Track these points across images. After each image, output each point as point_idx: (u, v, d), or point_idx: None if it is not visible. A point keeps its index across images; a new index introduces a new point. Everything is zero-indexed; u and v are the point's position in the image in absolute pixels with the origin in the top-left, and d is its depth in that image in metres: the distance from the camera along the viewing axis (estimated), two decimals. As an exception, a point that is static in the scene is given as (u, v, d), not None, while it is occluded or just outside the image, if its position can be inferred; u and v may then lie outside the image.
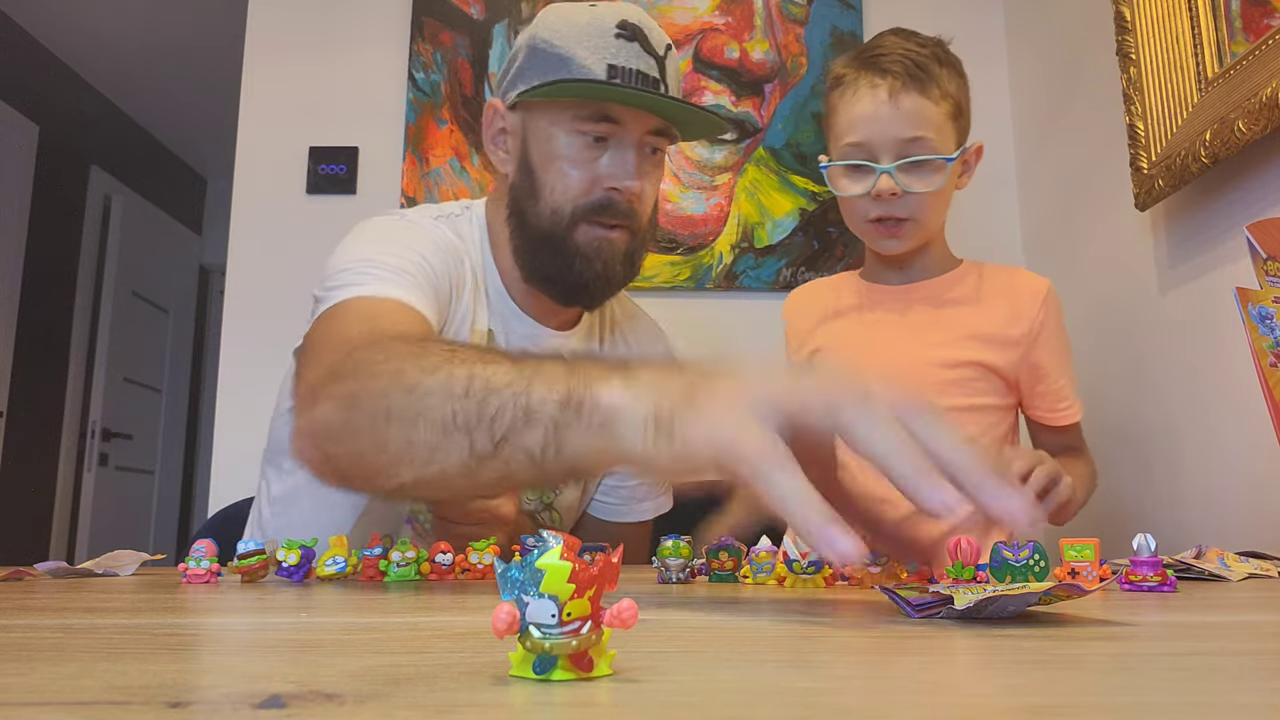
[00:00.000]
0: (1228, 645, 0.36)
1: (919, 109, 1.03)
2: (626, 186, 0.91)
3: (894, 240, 1.08)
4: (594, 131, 0.90)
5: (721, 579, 0.71)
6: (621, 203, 0.91)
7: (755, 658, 0.35)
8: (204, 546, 0.69)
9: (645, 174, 0.93)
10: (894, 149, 1.03)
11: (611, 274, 0.94)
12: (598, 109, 0.89)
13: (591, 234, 0.92)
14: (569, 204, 0.91)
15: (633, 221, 0.93)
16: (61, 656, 0.33)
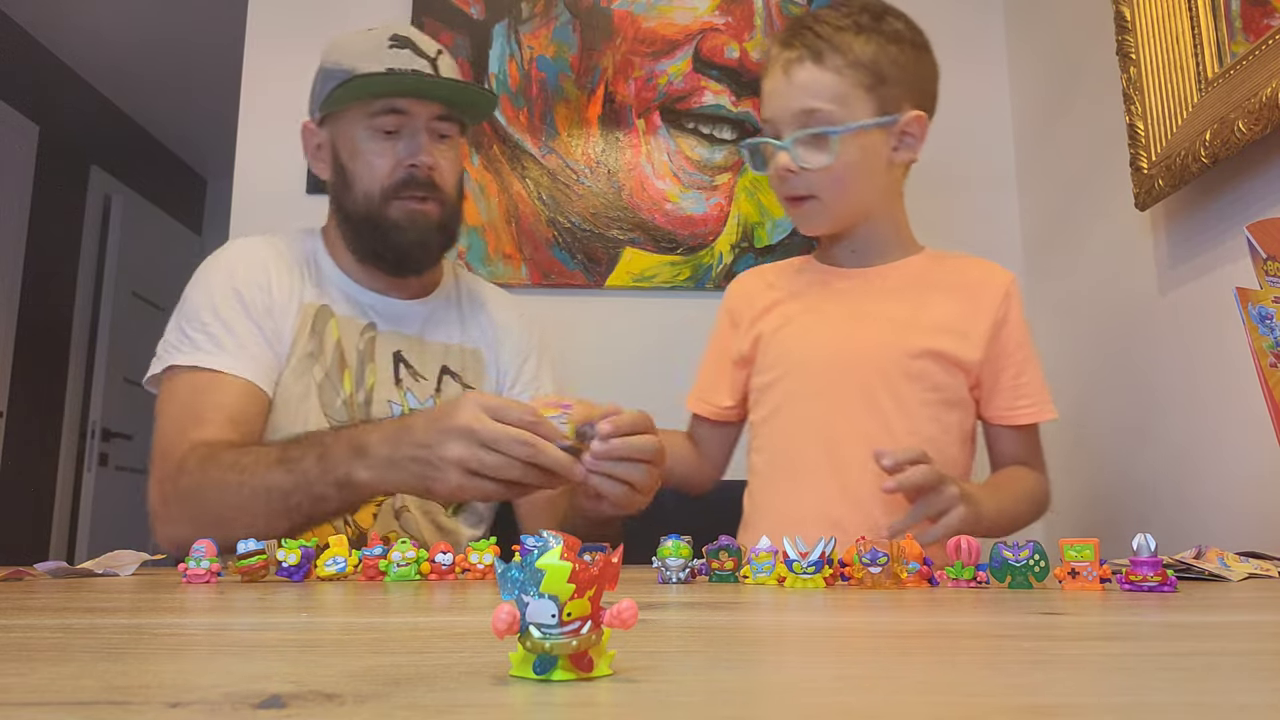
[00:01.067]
0: (1228, 645, 0.36)
1: (812, 81, 0.99)
2: (422, 161, 1.05)
3: (802, 218, 1.05)
4: (386, 125, 1.05)
5: (721, 579, 0.71)
6: (420, 176, 1.06)
7: (755, 658, 0.35)
8: (204, 546, 0.69)
9: (439, 154, 1.08)
10: (792, 123, 1.00)
11: (428, 240, 1.09)
12: (385, 104, 1.05)
13: (403, 207, 1.07)
14: (377, 186, 1.06)
15: (438, 193, 1.08)
16: (61, 656, 0.33)
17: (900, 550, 0.65)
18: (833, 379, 1.04)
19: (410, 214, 1.07)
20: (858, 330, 1.05)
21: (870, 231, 1.08)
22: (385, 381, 1.09)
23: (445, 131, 1.09)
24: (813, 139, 0.99)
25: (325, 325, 1.09)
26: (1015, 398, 1.05)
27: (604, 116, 1.75)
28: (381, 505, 1.06)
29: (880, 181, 1.05)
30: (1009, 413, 1.05)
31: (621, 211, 1.73)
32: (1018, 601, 0.54)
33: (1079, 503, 1.54)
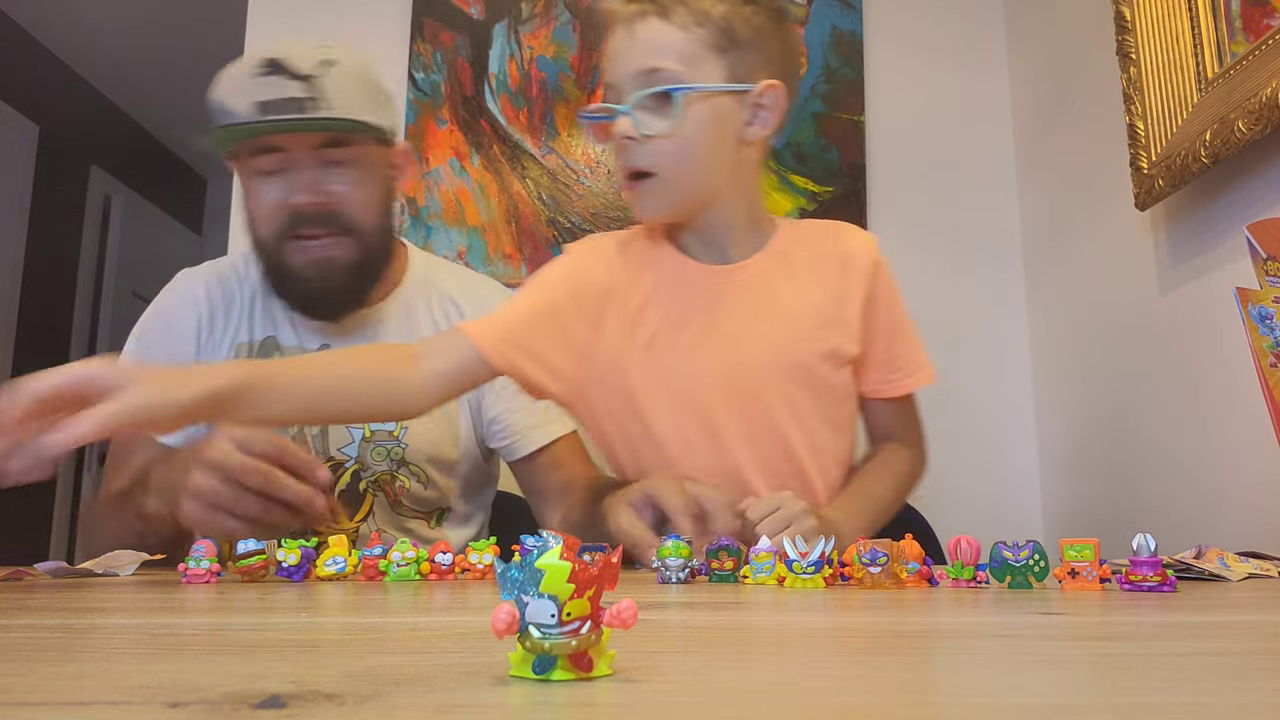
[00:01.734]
0: (1228, 645, 0.36)
1: (656, 36, 0.87)
2: (302, 200, 0.97)
3: (637, 198, 0.92)
4: (265, 166, 0.98)
5: (721, 579, 0.71)
6: (309, 214, 0.98)
7: (755, 658, 0.35)
8: (204, 546, 0.69)
9: (336, 181, 0.98)
10: (634, 84, 0.87)
11: (333, 284, 1.00)
12: (256, 145, 0.97)
13: (300, 251, 0.98)
14: (267, 232, 1.00)
15: (341, 224, 0.98)
16: (61, 656, 0.33)
17: (900, 550, 0.65)
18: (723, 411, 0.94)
19: (310, 261, 0.99)
20: (737, 354, 0.95)
21: (717, 219, 0.96)
22: None
23: (339, 158, 0.99)
24: (655, 101, 0.86)
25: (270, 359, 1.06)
26: (890, 370, 0.99)
27: (604, 116, 1.75)
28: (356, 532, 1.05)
29: (728, 158, 0.92)
30: (884, 386, 1.00)
31: (621, 211, 1.73)
32: (1018, 601, 0.54)
33: (1079, 503, 1.54)
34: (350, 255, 1.00)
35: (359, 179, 1.00)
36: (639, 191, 0.91)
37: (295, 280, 1.00)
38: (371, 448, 1.05)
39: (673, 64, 0.86)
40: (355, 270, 1.01)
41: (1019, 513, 1.67)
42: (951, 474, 1.69)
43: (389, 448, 1.05)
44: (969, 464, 1.68)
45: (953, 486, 1.67)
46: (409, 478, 1.06)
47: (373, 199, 1.02)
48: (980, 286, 1.74)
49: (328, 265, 0.99)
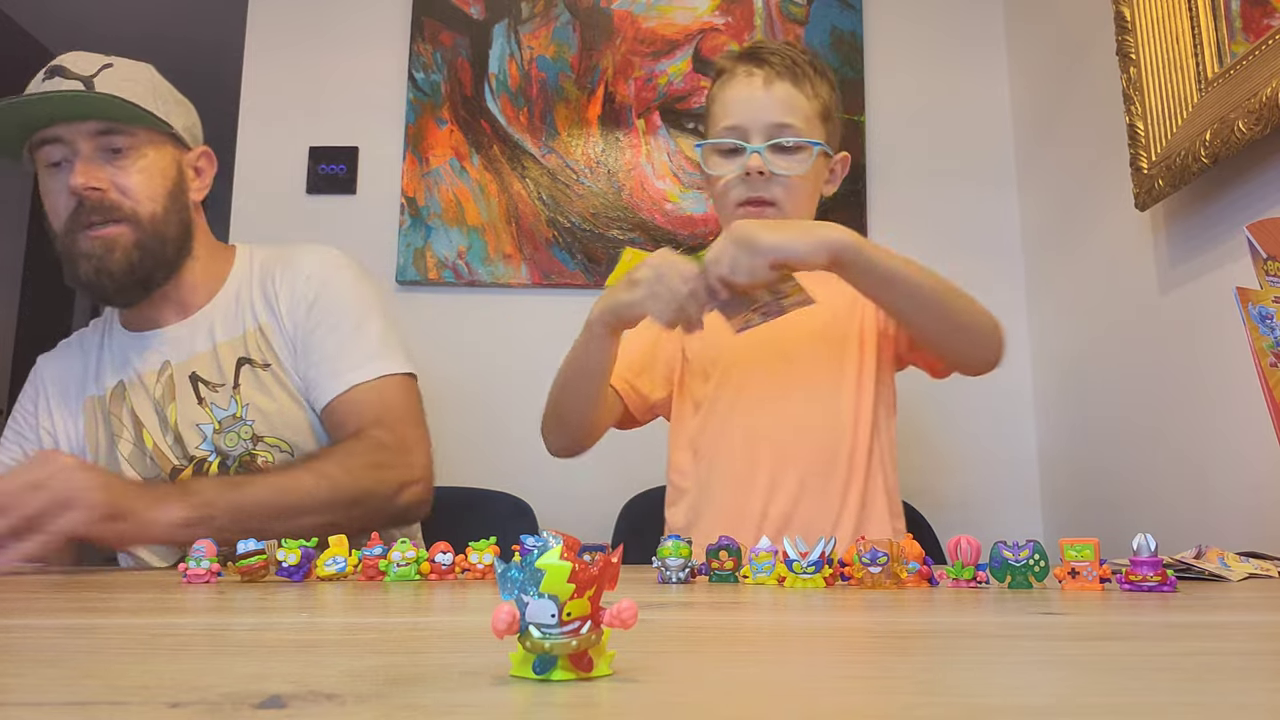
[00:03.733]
0: (1228, 645, 0.36)
1: (790, 97, 1.07)
2: (80, 183, 1.01)
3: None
4: (50, 156, 1.03)
5: (721, 579, 0.71)
6: (90, 201, 1.02)
7: (755, 658, 0.35)
8: (204, 546, 0.69)
9: (113, 172, 1.04)
10: (765, 132, 1.06)
11: (117, 266, 1.04)
12: (41, 137, 1.03)
13: (86, 238, 1.03)
14: (60, 220, 1.04)
15: (119, 214, 1.04)
16: (61, 656, 0.33)
17: (900, 550, 0.65)
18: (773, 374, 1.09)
19: (93, 242, 1.03)
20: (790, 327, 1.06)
21: None
22: (189, 409, 1.09)
23: (117, 145, 1.04)
24: (785, 149, 1.06)
25: (122, 402, 1.11)
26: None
27: (604, 116, 1.75)
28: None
29: (814, 206, 1.14)
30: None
31: (621, 211, 1.73)
32: (1018, 601, 0.54)
33: (1079, 503, 1.54)
34: (129, 237, 1.04)
35: (138, 168, 1.06)
36: (762, 217, 1.08)
37: (81, 261, 1.03)
38: (224, 435, 1.08)
39: (800, 123, 1.07)
40: (136, 251, 1.05)
41: (1019, 513, 1.67)
42: (951, 474, 1.69)
43: (238, 430, 1.08)
44: (969, 463, 1.68)
45: (953, 486, 1.67)
46: (270, 450, 1.09)
47: (154, 189, 1.07)
48: (980, 286, 1.73)
49: (108, 244, 1.03)
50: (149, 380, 1.11)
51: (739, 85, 1.09)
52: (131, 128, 1.05)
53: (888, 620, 0.45)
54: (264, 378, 1.10)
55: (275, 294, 1.14)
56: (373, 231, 1.74)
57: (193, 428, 1.09)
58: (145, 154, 1.07)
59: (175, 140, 1.11)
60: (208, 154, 1.19)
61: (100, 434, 1.12)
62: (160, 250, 1.07)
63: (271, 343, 1.12)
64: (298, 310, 1.12)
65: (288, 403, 1.11)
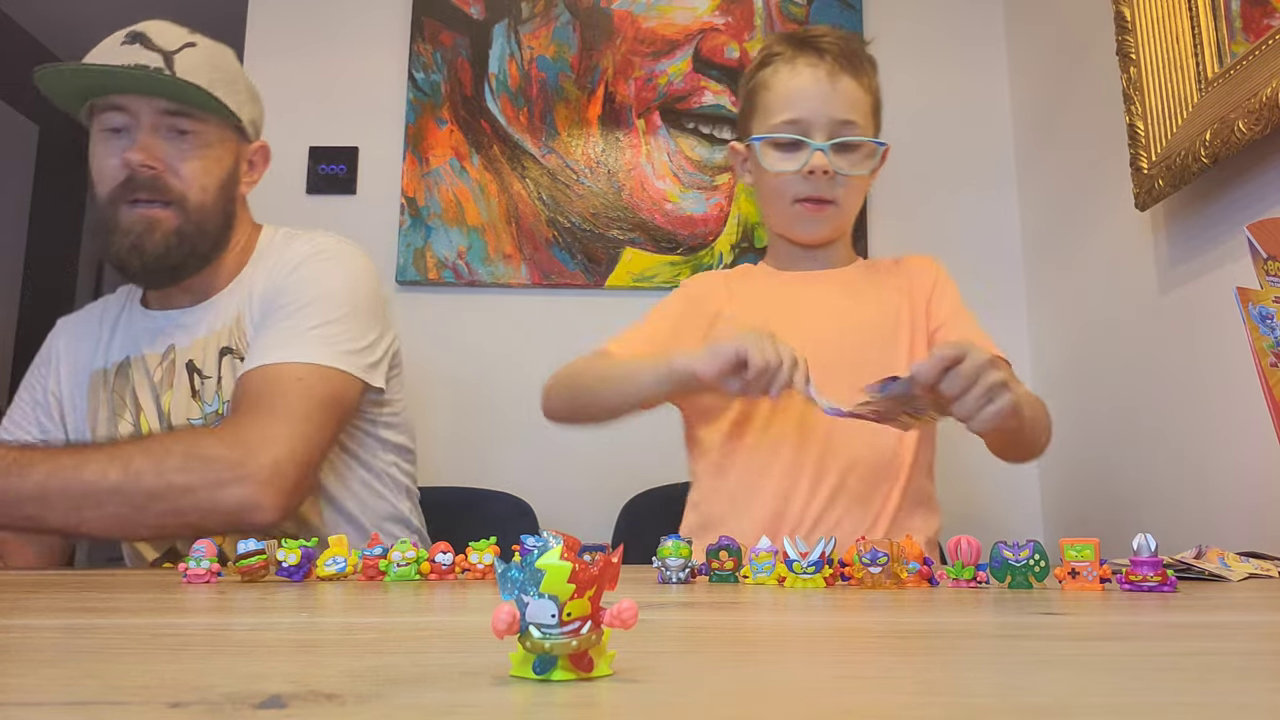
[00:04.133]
0: (1228, 645, 0.36)
1: (853, 92, 1.05)
2: (137, 159, 1.00)
3: (816, 222, 1.08)
4: (111, 122, 1.02)
5: (721, 579, 0.71)
6: (144, 177, 1.01)
7: (755, 658, 0.35)
8: (204, 546, 0.69)
9: (175, 154, 1.03)
10: (828, 129, 1.04)
11: (153, 248, 1.02)
12: (107, 102, 1.01)
13: (131, 213, 1.02)
14: (106, 188, 1.03)
15: (168, 196, 1.02)
16: (61, 656, 0.33)
17: (900, 550, 0.65)
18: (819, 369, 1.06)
19: (135, 219, 1.01)
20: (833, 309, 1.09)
21: (838, 243, 1.15)
22: (182, 400, 1.07)
23: (183, 127, 1.02)
24: (847, 147, 1.04)
25: (126, 380, 1.09)
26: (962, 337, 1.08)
27: (604, 116, 1.75)
28: None
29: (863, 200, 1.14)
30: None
31: (621, 211, 1.73)
32: (1018, 601, 0.54)
33: (1079, 503, 1.54)
34: (172, 222, 1.02)
35: (197, 154, 1.04)
36: (822, 216, 1.07)
37: (120, 236, 1.02)
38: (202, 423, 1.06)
39: (860, 119, 1.05)
40: (175, 237, 1.03)
41: (1019, 513, 1.67)
42: (951, 474, 1.69)
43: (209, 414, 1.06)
44: (969, 464, 1.68)
45: (953, 486, 1.67)
46: None
47: (207, 178, 1.05)
48: (980, 286, 1.73)
49: (149, 224, 1.02)
50: (151, 363, 1.09)
51: (802, 76, 1.05)
52: (203, 114, 1.04)
53: (888, 620, 0.45)
54: (239, 369, 1.05)
55: (253, 290, 1.09)
56: (373, 231, 1.74)
57: (183, 419, 1.06)
58: (209, 142, 1.05)
59: (239, 132, 1.10)
60: (264, 149, 1.18)
61: (102, 410, 1.09)
62: (198, 241, 1.05)
63: (245, 332, 1.07)
64: (267, 297, 1.07)
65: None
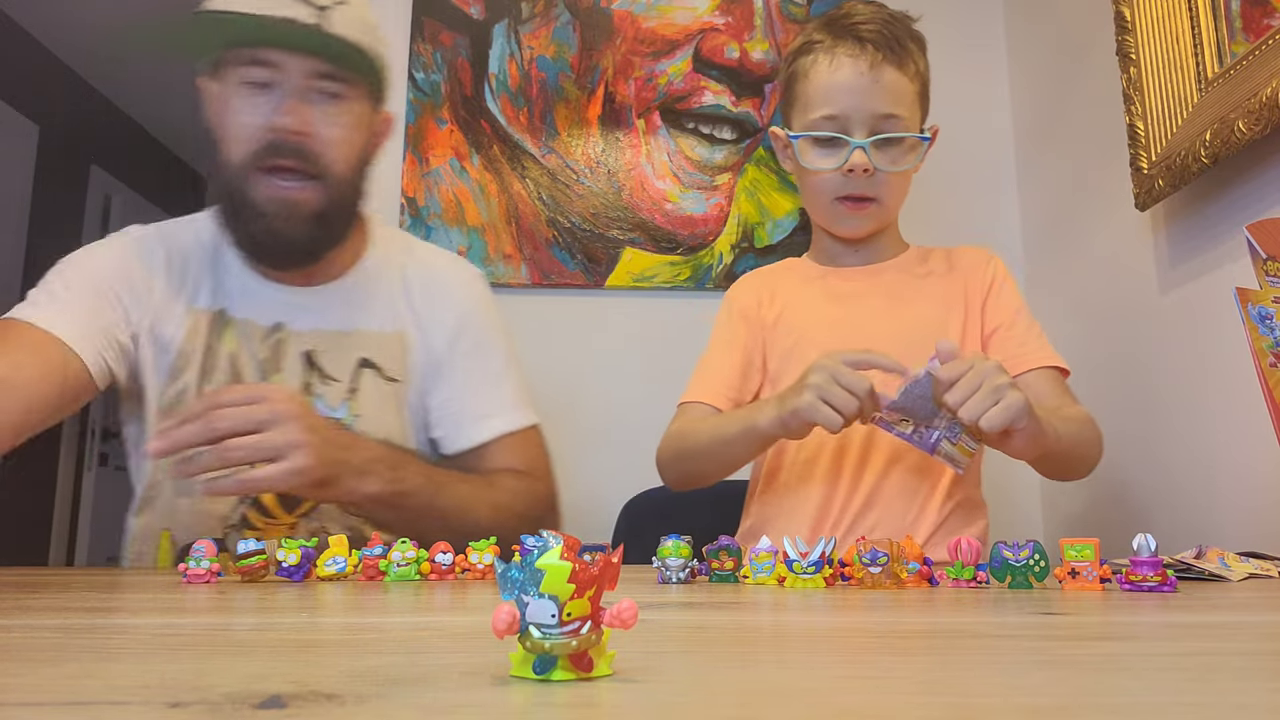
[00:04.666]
0: (1228, 645, 0.36)
1: (897, 84, 1.00)
2: (284, 123, 0.90)
3: (857, 220, 1.07)
4: (252, 77, 0.91)
5: (721, 579, 0.71)
6: (288, 143, 0.91)
7: (755, 658, 0.35)
8: (204, 546, 0.69)
9: (321, 118, 0.92)
10: (868, 124, 1.00)
11: (296, 233, 0.93)
12: (252, 55, 0.90)
13: (269, 188, 0.92)
14: (240, 154, 0.91)
15: (311, 166, 0.92)
16: (61, 656, 0.33)
17: (900, 550, 0.65)
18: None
19: (274, 199, 0.92)
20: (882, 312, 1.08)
21: (882, 236, 1.13)
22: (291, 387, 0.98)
23: (335, 90, 0.93)
24: (889, 142, 1.01)
25: (220, 335, 0.99)
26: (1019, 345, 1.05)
27: (604, 116, 1.75)
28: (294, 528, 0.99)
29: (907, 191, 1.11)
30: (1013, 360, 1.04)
31: (621, 211, 1.73)
32: (1018, 601, 0.54)
33: (1079, 503, 1.54)
34: (315, 202, 0.93)
35: (343, 122, 0.95)
36: (863, 213, 1.05)
37: (253, 215, 0.92)
38: None
39: (904, 112, 1.01)
40: (316, 220, 0.94)
41: (1019, 513, 1.67)
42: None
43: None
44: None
45: (953, 486, 1.67)
46: None
47: (351, 149, 0.96)
48: (980, 286, 1.74)
49: (290, 206, 0.92)
50: (255, 333, 0.99)
51: (841, 69, 1.00)
52: (355, 78, 0.94)
53: (888, 620, 0.45)
54: (386, 392, 1.01)
55: (418, 307, 1.04)
56: (373, 231, 1.74)
57: None
58: (353, 108, 0.95)
59: (375, 97, 0.99)
60: (389, 120, 1.05)
61: (195, 360, 0.97)
62: (337, 222, 0.97)
63: (408, 359, 1.03)
64: (440, 337, 1.04)
65: (399, 426, 1.02)
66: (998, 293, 1.09)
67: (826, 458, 1.05)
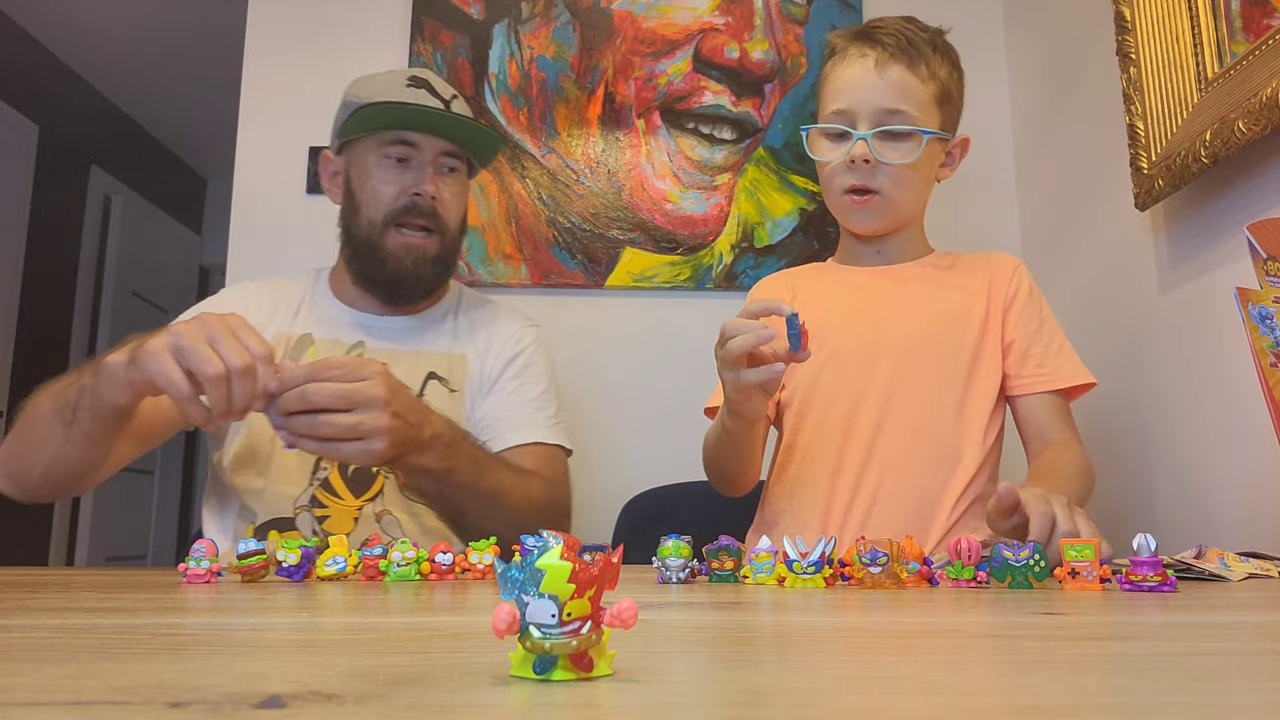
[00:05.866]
0: (1228, 645, 0.36)
1: (903, 81, 1.04)
2: (425, 190, 1.12)
3: (863, 213, 1.08)
4: (395, 154, 1.13)
5: (721, 579, 0.71)
6: (423, 205, 1.13)
7: (755, 658, 0.35)
8: (204, 546, 0.69)
9: (444, 187, 1.15)
10: (873, 118, 1.03)
11: (422, 274, 1.15)
12: (396, 135, 1.12)
13: (401, 239, 1.13)
14: (380, 211, 1.13)
15: (437, 224, 1.14)
16: (61, 656, 0.33)
17: (900, 550, 0.65)
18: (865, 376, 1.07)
19: (408, 246, 1.13)
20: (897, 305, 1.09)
21: (902, 237, 1.14)
22: None
23: (453, 166, 1.16)
24: (894, 136, 1.03)
25: (303, 352, 1.15)
26: (1038, 365, 1.07)
27: (604, 116, 1.75)
28: (361, 511, 1.09)
29: (927, 191, 1.12)
30: (1034, 380, 1.07)
31: (621, 211, 1.73)
32: (1018, 601, 0.54)
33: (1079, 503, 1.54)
34: (435, 250, 1.15)
35: (457, 190, 1.17)
36: (866, 205, 1.07)
37: (390, 261, 1.13)
38: None
39: (912, 109, 1.03)
40: (436, 264, 1.15)
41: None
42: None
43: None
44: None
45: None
46: None
47: (460, 209, 1.19)
48: (980, 286, 1.74)
49: (420, 254, 1.14)
50: (335, 349, 1.15)
51: (850, 67, 1.06)
52: (463, 154, 1.17)
53: (888, 620, 0.45)
54: (448, 400, 1.15)
55: (476, 334, 1.22)
56: (373, 231, 1.74)
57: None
58: (462, 178, 1.19)
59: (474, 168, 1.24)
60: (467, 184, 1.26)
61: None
62: (447, 266, 1.18)
63: (467, 373, 1.19)
64: (497, 359, 1.21)
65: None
66: (1022, 305, 1.09)
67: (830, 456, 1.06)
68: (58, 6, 3.29)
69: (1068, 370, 1.07)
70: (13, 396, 3.28)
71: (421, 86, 1.13)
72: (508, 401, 1.19)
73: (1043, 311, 1.10)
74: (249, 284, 1.23)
